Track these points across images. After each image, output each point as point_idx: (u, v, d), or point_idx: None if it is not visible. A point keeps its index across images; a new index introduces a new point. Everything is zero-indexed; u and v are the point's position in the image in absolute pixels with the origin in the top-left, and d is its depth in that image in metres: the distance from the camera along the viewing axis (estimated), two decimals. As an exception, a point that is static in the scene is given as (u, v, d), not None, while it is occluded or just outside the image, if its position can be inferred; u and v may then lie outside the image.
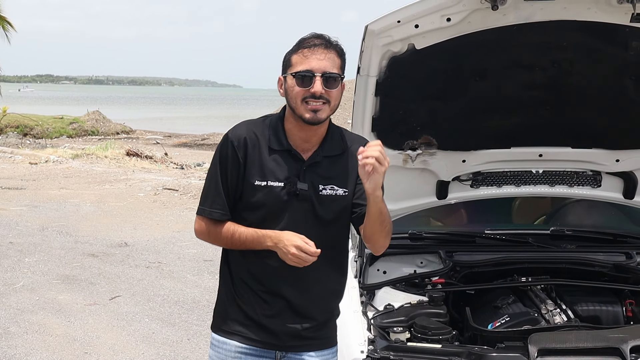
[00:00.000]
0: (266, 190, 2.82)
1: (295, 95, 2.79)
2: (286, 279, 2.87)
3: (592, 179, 3.96)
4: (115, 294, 7.42)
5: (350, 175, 2.93)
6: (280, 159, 2.85)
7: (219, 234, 2.89)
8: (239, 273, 2.94)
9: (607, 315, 3.45)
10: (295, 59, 2.82)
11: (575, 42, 3.36)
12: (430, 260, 4.04)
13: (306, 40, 2.83)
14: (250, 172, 2.84)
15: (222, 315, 3.00)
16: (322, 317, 2.98)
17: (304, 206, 2.83)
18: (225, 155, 2.86)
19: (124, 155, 19.96)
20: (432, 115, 3.67)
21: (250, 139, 2.85)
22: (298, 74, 2.78)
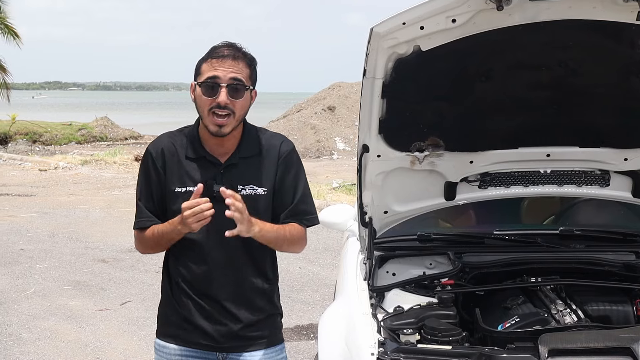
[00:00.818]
0: (186, 196, 2.85)
1: (202, 105, 2.85)
2: (215, 280, 2.97)
3: (601, 178, 3.95)
4: (126, 299, 7.45)
5: (269, 174, 3.00)
6: (198, 165, 2.95)
7: (144, 238, 3.01)
8: (175, 277, 3.03)
9: (618, 315, 3.43)
10: (204, 67, 2.87)
11: (581, 42, 3.35)
12: (439, 261, 4.04)
13: (217, 49, 2.88)
14: (170, 180, 2.95)
15: (162, 319, 3.13)
16: (254, 316, 3.04)
17: (224, 208, 2.78)
18: (147, 166, 3.00)
19: (133, 161, 20.00)
20: (439, 116, 3.67)
21: (168, 149, 2.97)
22: (204, 83, 2.84)
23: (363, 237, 4.00)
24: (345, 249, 4.59)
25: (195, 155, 2.96)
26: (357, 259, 4.08)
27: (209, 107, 2.84)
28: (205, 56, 2.90)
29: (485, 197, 4.03)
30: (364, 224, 3.93)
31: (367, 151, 3.69)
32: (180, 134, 3.04)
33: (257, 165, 3.00)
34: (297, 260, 8.86)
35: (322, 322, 3.60)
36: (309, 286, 7.86)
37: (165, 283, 3.12)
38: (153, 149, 3.00)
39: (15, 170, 19.01)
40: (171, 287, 3.06)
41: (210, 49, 2.92)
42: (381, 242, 4.06)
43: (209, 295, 2.99)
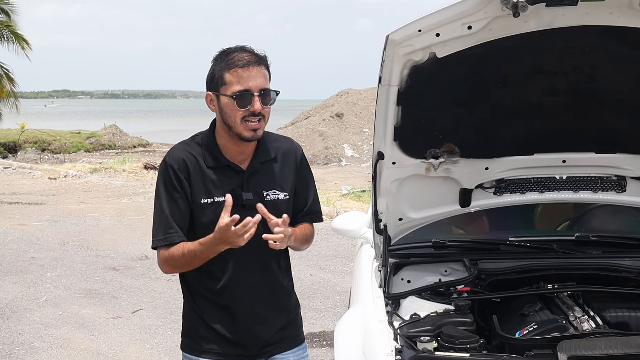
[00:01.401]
0: (214, 207, 2.88)
1: (234, 115, 2.85)
2: (243, 288, 2.97)
3: (617, 184, 3.92)
4: (137, 307, 7.45)
5: (288, 178, 3.05)
6: (221, 174, 2.92)
7: (173, 257, 2.90)
8: (199, 288, 3.00)
9: (637, 322, 3.40)
10: (229, 77, 2.84)
11: (598, 47, 3.34)
12: (454, 268, 4.02)
13: (236, 56, 2.86)
14: (195, 192, 2.90)
15: (190, 334, 3.07)
16: (284, 318, 3.11)
17: (251, 215, 2.81)
18: (169, 179, 2.90)
19: (142, 169, 20.05)
20: (454, 123, 3.66)
21: (189, 160, 2.92)
22: (237, 95, 2.82)
23: (378, 244, 3.99)
24: (359, 257, 4.58)
25: (217, 164, 2.94)
26: (372, 266, 4.07)
27: (242, 116, 2.85)
28: (224, 64, 2.87)
29: (500, 203, 4.01)
30: (379, 231, 3.92)
31: (382, 158, 3.68)
32: (193, 143, 3.00)
33: (275, 169, 3.03)
34: (307, 267, 8.86)
35: (338, 329, 3.59)
36: (320, 293, 7.84)
37: (187, 296, 3.08)
38: (173, 161, 2.92)
39: (25, 178, 19.07)
40: (194, 299, 3.03)
41: (226, 55, 2.89)
42: (396, 249, 4.05)
43: (239, 304, 3.00)
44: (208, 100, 2.93)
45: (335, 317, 6.99)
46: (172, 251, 2.90)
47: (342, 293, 7.79)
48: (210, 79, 2.90)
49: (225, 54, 2.90)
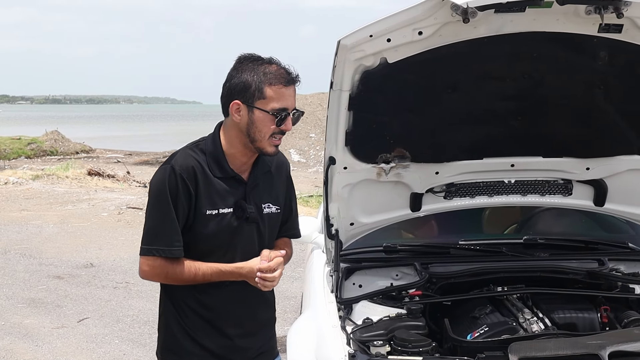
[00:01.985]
0: (218, 219, 2.84)
1: (265, 130, 2.80)
2: (234, 304, 2.95)
3: (564, 187, 4.00)
4: (83, 316, 7.32)
5: (280, 192, 3.08)
6: (225, 184, 2.86)
7: (180, 273, 2.83)
8: (189, 305, 2.94)
9: (584, 322, 3.48)
10: (271, 92, 2.78)
11: (545, 53, 3.40)
12: (405, 272, 4.05)
13: (277, 70, 2.80)
14: (201, 202, 2.82)
15: (175, 350, 3.00)
16: (268, 331, 3.17)
17: (251, 228, 2.89)
18: (175, 188, 2.79)
19: (86, 175, 19.69)
20: (405, 128, 3.69)
21: (198, 169, 2.83)
22: (276, 112, 2.78)
23: (329, 249, 3.99)
24: (311, 262, 4.57)
25: (223, 175, 2.88)
26: (324, 271, 4.07)
27: (272, 133, 2.81)
28: (263, 77, 2.78)
29: (450, 207, 4.06)
30: (331, 236, 3.92)
31: (334, 163, 3.68)
32: (198, 150, 2.90)
33: (272, 182, 3.03)
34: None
35: (291, 335, 3.58)
36: (269, 299, 7.80)
37: (170, 310, 2.99)
38: (182, 169, 2.80)
39: (-37, 186, 18.60)
40: (179, 313, 2.97)
41: (261, 65, 2.81)
42: (347, 254, 4.06)
43: (229, 318, 2.98)
44: (234, 109, 2.82)
45: (285, 323, 6.96)
46: (177, 268, 2.82)
47: (292, 298, 7.77)
48: (244, 89, 2.79)
49: (260, 64, 2.81)
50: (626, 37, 3.26)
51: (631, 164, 3.85)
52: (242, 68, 2.81)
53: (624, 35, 3.25)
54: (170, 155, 2.91)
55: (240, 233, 2.89)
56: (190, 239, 2.85)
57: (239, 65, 2.83)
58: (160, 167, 2.87)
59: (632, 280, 3.86)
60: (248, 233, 2.91)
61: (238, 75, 2.80)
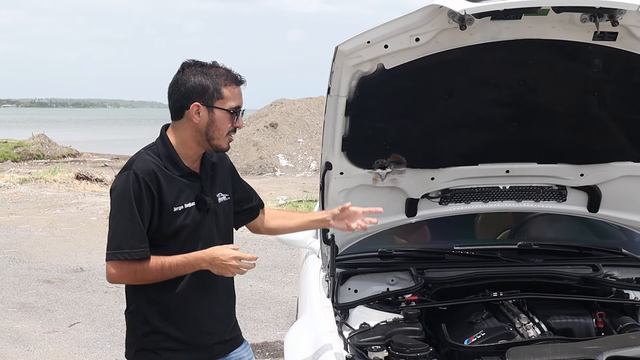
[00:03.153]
0: (184, 213, 2.96)
1: (223, 127, 2.96)
2: (209, 291, 3.07)
3: (558, 193, 4.03)
4: (74, 321, 7.28)
5: (227, 180, 3.22)
6: (185, 180, 3.00)
7: (146, 270, 2.91)
8: (161, 299, 3.01)
9: (580, 328, 3.51)
10: (227, 92, 2.95)
11: (540, 60, 3.44)
12: (401, 277, 4.06)
13: (229, 73, 2.98)
14: (166, 201, 2.93)
15: (152, 347, 3.05)
16: (234, 317, 3.29)
17: (212, 219, 3.06)
18: (138, 191, 2.88)
19: (74, 179, 19.61)
20: (401, 133, 3.71)
21: (158, 170, 2.94)
22: (233, 110, 2.96)
23: (325, 254, 4.01)
24: (306, 267, 4.58)
25: (180, 173, 3.00)
26: (319, 276, 4.08)
27: (229, 130, 2.98)
28: (219, 79, 2.95)
29: (446, 213, 4.08)
30: (326, 241, 3.94)
31: (330, 168, 3.71)
32: (152, 154, 3.00)
33: (218, 173, 3.17)
34: (247, 278, 8.80)
35: (288, 340, 3.59)
36: (261, 304, 7.80)
37: (142, 305, 3.04)
38: (143, 173, 2.90)
39: (-50, 189, 18.48)
40: (154, 314, 3.02)
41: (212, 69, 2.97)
42: (343, 259, 4.07)
43: (209, 311, 3.09)
44: (194, 111, 2.93)
45: (277, 328, 6.97)
46: (145, 266, 2.90)
47: (283, 304, 7.77)
48: (203, 91, 2.92)
49: (209, 68, 2.97)
50: (621, 44, 3.30)
51: (625, 171, 3.88)
52: (191, 72, 2.96)
53: (619, 43, 3.29)
54: (128, 161, 3.01)
55: (203, 225, 3.03)
56: (159, 237, 2.95)
57: (188, 70, 2.97)
58: (122, 173, 2.95)
59: (626, 286, 3.89)
60: (209, 224, 3.06)
61: (191, 80, 2.94)
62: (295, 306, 6.72)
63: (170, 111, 3.02)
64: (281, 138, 28.27)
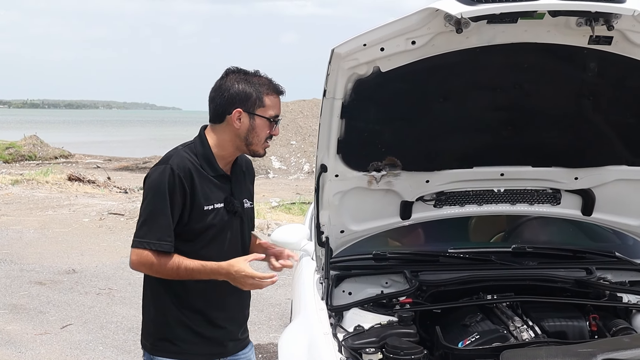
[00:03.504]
0: (214, 213, 3.08)
1: (262, 134, 3.10)
2: (229, 291, 3.14)
3: (552, 196, 4.04)
4: (66, 323, 7.26)
5: (251, 189, 3.36)
6: (217, 181, 3.11)
7: (164, 266, 3.01)
8: (184, 293, 3.12)
9: (573, 330, 3.52)
10: (268, 101, 3.09)
11: (536, 64, 3.45)
12: (395, 280, 4.06)
13: (271, 82, 3.12)
14: (198, 199, 3.04)
15: (171, 338, 3.16)
16: (246, 318, 3.44)
17: (237, 222, 3.19)
18: (173, 186, 2.99)
19: (66, 180, 19.55)
20: (396, 136, 3.71)
21: (193, 169, 3.05)
22: (273, 119, 3.11)
23: (319, 257, 4.00)
24: (300, 269, 4.58)
25: (214, 173, 3.12)
26: (313, 278, 4.08)
27: (266, 137, 3.12)
28: (261, 88, 3.08)
29: (440, 215, 4.08)
30: (321, 243, 3.93)
31: (325, 171, 3.70)
32: (190, 151, 3.11)
33: (245, 180, 3.31)
34: (240, 280, 8.81)
35: (282, 343, 3.58)
36: (253, 306, 7.66)
37: (164, 303, 3.14)
38: (179, 169, 3.01)
39: (-59, 190, 18.40)
40: (177, 306, 3.13)
41: (255, 78, 3.10)
42: (337, 262, 4.08)
43: (225, 306, 3.20)
44: (235, 117, 3.06)
45: (270, 330, 6.97)
46: (163, 261, 3.00)
47: (276, 306, 7.77)
48: (245, 98, 3.05)
49: (252, 76, 3.11)
50: (616, 49, 3.31)
51: (619, 174, 3.90)
52: (235, 79, 3.09)
53: (614, 47, 3.30)
54: (165, 156, 3.09)
55: (230, 226, 3.15)
56: (188, 232, 3.06)
57: (232, 77, 3.10)
58: (158, 167, 3.05)
59: (619, 289, 3.90)
60: (235, 226, 3.18)
61: (235, 86, 3.07)
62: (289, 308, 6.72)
63: (211, 114, 3.14)
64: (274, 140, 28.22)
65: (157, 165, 3.07)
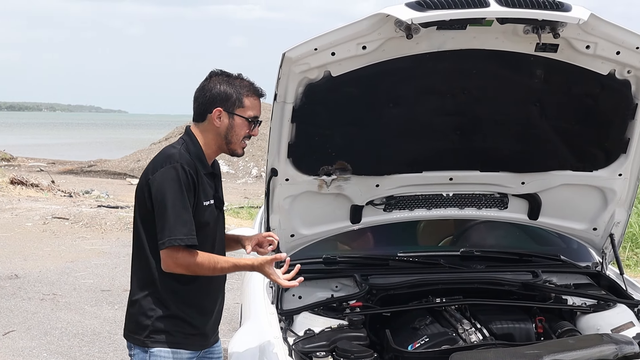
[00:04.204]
0: (210, 209, 3.22)
1: (240, 133, 3.21)
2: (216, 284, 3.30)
3: (500, 201, 4.10)
4: (8, 329, 7.09)
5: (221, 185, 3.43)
6: (207, 179, 3.24)
7: (200, 264, 3.11)
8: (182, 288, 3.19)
9: (520, 333, 3.58)
10: (248, 102, 3.19)
11: (484, 70, 3.51)
12: (345, 284, 4.08)
13: (253, 85, 3.22)
14: (200, 195, 3.18)
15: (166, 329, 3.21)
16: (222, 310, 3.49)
17: (221, 217, 3.34)
18: (187, 182, 3.12)
19: (8, 184, 19.15)
20: (347, 140, 3.73)
21: (194, 166, 3.18)
22: (252, 119, 3.20)
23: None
24: (249, 273, 4.56)
25: (206, 171, 3.24)
26: (263, 282, 4.07)
27: (244, 136, 3.22)
28: (242, 90, 3.19)
29: (390, 219, 4.11)
30: (271, 247, 3.92)
31: (276, 175, 3.70)
32: (185, 151, 3.20)
33: (219, 178, 3.40)
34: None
35: (233, 347, 3.57)
36: (202, 311, 7.73)
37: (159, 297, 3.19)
38: (189, 166, 3.13)
39: None
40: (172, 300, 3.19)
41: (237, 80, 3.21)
42: (287, 265, 4.06)
43: (214, 299, 3.33)
44: (216, 115, 3.17)
45: (220, 334, 6.91)
46: (199, 260, 3.09)
47: (224, 310, 7.70)
48: (226, 98, 3.17)
49: (234, 78, 3.22)
50: (561, 56, 3.39)
51: (564, 179, 3.98)
52: (218, 81, 3.21)
53: (560, 54, 3.38)
54: (166, 157, 3.16)
55: (219, 221, 3.30)
56: None
57: (215, 79, 3.22)
58: (168, 167, 3.12)
59: (564, 292, 3.98)
60: (221, 221, 3.35)
61: (217, 87, 3.19)
62: (237, 312, 6.68)
63: (194, 113, 3.26)
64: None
65: (166, 166, 3.12)
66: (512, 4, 3.09)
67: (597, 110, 3.69)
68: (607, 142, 3.85)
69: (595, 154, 3.91)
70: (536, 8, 3.11)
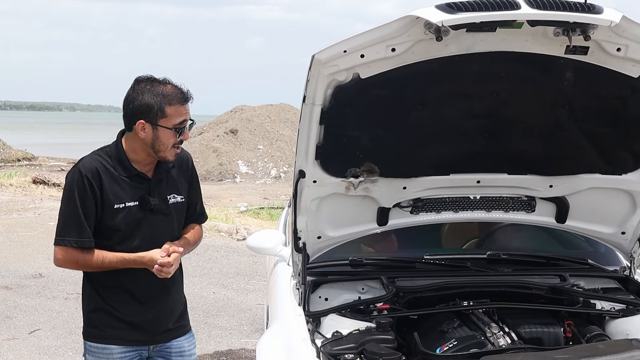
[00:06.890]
0: (125, 211, 3.28)
1: (168, 142, 3.27)
2: (152, 282, 3.37)
3: (527, 204, 4.08)
4: (34, 328, 7.16)
5: (183, 183, 3.52)
6: (131, 182, 3.32)
7: (89, 261, 3.28)
8: (108, 284, 3.36)
9: (549, 337, 3.56)
10: (171, 111, 3.23)
11: (513, 73, 3.48)
12: (371, 286, 4.07)
13: (173, 91, 3.26)
14: (108, 197, 3.25)
15: (95, 323, 3.40)
16: (180, 309, 3.59)
17: (159, 218, 3.38)
18: (82, 187, 3.22)
19: (30, 183, 19.30)
20: (375, 143, 3.73)
21: (101, 169, 3.27)
22: (177, 127, 3.25)
23: (296, 263, 4.00)
24: (275, 275, 4.58)
25: (128, 174, 3.31)
26: (290, 284, 4.08)
27: (174, 144, 3.29)
28: (162, 99, 3.22)
29: (416, 222, 4.09)
30: (298, 249, 3.93)
31: (304, 177, 3.70)
32: (103, 154, 3.34)
33: (174, 176, 3.47)
34: (210, 285, 8.77)
35: (260, 349, 3.57)
36: (224, 311, 7.76)
37: (90, 291, 3.40)
38: (87, 171, 3.24)
39: None
40: (100, 294, 3.37)
41: (157, 86, 3.24)
42: (314, 267, 4.08)
43: (149, 297, 3.40)
44: (139, 128, 3.24)
45: (241, 335, 6.95)
46: (87, 257, 3.26)
47: (247, 311, 7.74)
48: (147, 110, 3.21)
49: (157, 85, 3.26)
50: (592, 59, 3.36)
51: (593, 182, 3.94)
52: (140, 90, 3.26)
53: (590, 57, 3.35)
54: (80, 159, 3.35)
55: (146, 222, 3.34)
56: (104, 229, 3.30)
57: (137, 87, 3.27)
58: (71, 169, 3.31)
59: (593, 296, 3.95)
60: (154, 222, 3.37)
61: (139, 98, 3.24)
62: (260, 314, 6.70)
63: (124, 122, 3.34)
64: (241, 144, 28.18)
65: (72, 167, 3.31)
66: (543, 6, 3.07)
67: (626, 113, 3.65)
68: (636, 146, 3.82)
69: (624, 157, 3.88)
70: (567, 10, 3.08)
